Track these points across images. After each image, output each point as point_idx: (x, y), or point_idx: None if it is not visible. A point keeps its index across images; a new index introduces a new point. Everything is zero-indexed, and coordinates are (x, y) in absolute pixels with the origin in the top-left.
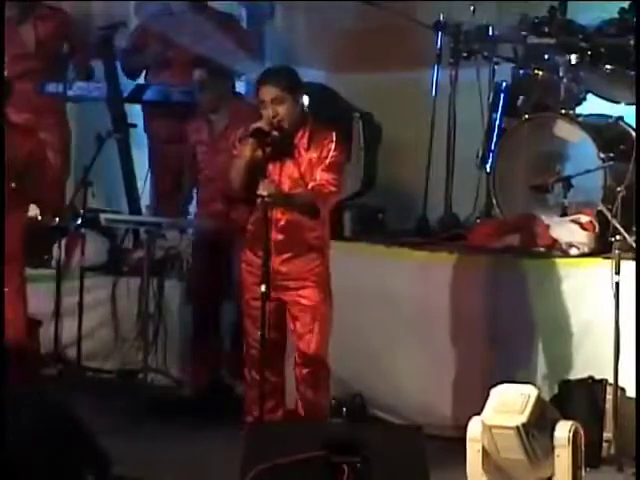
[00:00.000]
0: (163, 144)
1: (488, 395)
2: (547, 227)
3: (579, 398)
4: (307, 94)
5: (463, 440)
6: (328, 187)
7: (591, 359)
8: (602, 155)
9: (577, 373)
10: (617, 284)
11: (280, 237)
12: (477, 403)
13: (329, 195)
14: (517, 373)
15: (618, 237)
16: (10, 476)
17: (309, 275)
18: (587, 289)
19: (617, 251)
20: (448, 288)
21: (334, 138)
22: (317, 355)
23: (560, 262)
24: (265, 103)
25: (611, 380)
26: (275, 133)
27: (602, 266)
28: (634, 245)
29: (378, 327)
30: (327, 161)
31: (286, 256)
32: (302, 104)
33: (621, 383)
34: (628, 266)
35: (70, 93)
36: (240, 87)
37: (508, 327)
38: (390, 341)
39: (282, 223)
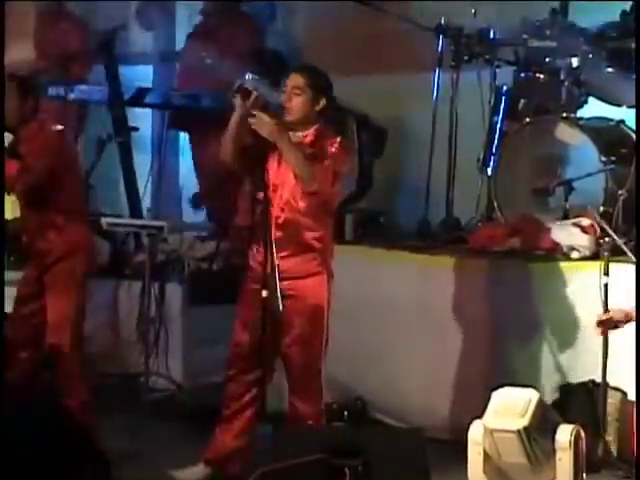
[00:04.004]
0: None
1: (489, 398)
2: (548, 230)
3: (580, 402)
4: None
5: (464, 443)
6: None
7: (592, 362)
8: (603, 158)
9: (578, 377)
10: (606, 285)
11: (279, 234)
12: (478, 406)
13: (332, 182)
14: (518, 376)
15: (607, 239)
16: (9, 478)
17: (306, 275)
18: (588, 292)
19: (606, 253)
20: (449, 291)
21: (339, 142)
22: (308, 365)
23: (561, 265)
24: (287, 89)
25: (612, 384)
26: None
27: None
28: (623, 247)
29: (379, 330)
30: (333, 163)
31: (284, 254)
32: (321, 107)
33: (622, 386)
34: (630, 268)
35: (71, 96)
36: None
37: (509, 330)
38: (391, 344)
39: (281, 221)
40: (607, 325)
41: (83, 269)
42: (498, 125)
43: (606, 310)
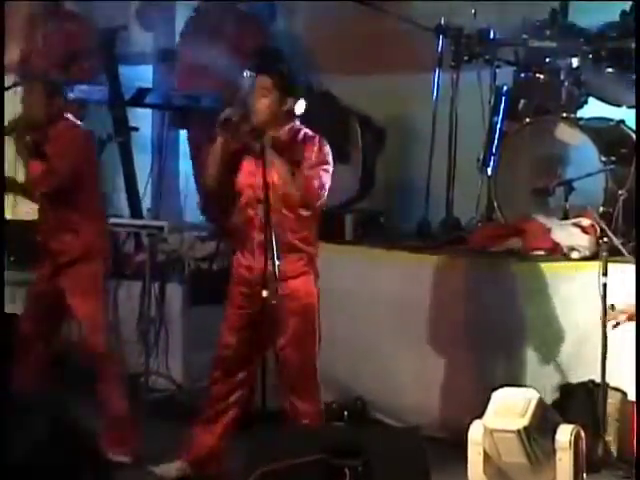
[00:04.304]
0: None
1: (489, 399)
2: (548, 230)
3: (580, 402)
4: (303, 98)
5: (464, 443)
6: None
7: (592, 362)
8: (603, 158)
9: (578, 376)
10: (605, 285)
11: (262, 237)
12: (478, 406)
13: (318, 193)
14: (518, 376)
15: (605, 239)
16: (10, 477)
17: (294, 276)
18: (588, 292)
19: (604, 253)
20: (449, 291)
21: (317, 142)
22: (304, 364)
23: (562, 265)
24: (254, 91)
25: (612, 384)
26: (246, 126)
27: None
28: (620, 247)
29: (379, 330)
30: (315, 167)
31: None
32: (290, 106)
33: (622, 386)
34: (629, 268)
35: (71, 96)
36: None
37: (509, 330)
38: (391, 344)
39: (264, 223)
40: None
41: (103, 269)
42: (498, 125)
43: (605, 309)
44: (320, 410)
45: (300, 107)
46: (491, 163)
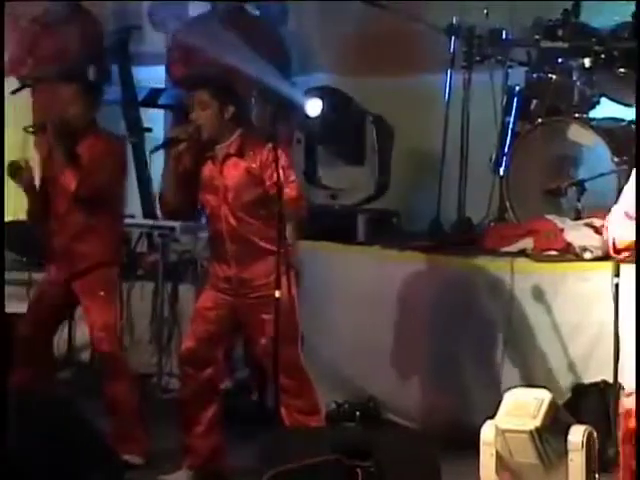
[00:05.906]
0: None
1: (502, 399)
2: (561, 231)
3: (592, 402)
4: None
5: (477, 443)
6: (300, 199)
7: (605, 363)
8: (615, 159)
9: (591, 377)
10: (617, 286)
11: (234, 247)
12: (491, 407)
13: (302, 203)
14: (531, 377)
15: None
16: (18, 477)
17: (273, 278)
18: (600, 292)
19: None
20: (462, 292)
21: (271, 146)
22: (289, 362)
23: (574, 266)
24: (194, 106)
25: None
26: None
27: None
28: None
29: (392, 330)
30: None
31: (245, 264)
32: (231, 115)
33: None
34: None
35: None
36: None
37: (522, 330)
38: (404, 344)
39: (233, 233)
40: None
41: (118, 271)
42: (510, 126)
43: (617, 309)
44: (316, 405)
45: (314, 108)
46: (503, 163)
